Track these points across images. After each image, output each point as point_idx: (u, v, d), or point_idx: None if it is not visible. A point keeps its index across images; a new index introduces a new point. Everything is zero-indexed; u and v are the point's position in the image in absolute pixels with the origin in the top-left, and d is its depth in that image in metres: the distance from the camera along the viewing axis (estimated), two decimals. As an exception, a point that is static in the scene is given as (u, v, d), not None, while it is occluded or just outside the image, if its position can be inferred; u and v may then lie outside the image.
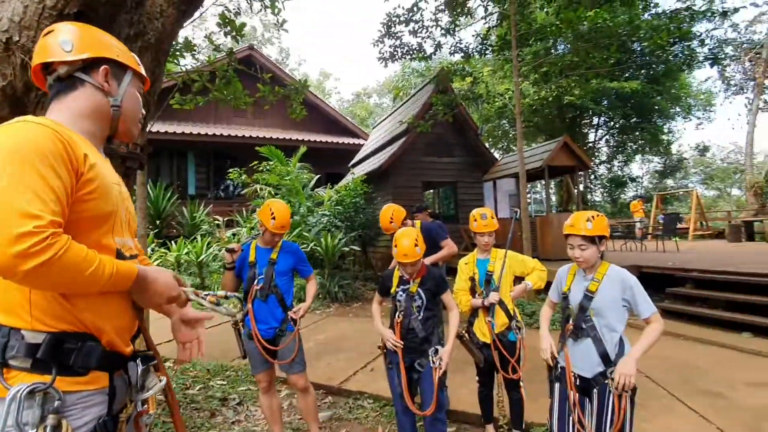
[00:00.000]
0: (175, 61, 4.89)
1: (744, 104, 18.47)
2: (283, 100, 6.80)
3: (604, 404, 2.02)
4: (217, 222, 11.63)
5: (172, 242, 9.99)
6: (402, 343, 2.43)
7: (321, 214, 8.98)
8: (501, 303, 2.73)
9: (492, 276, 2.80)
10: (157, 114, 3.94)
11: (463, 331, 2.81)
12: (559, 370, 2.21)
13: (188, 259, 9.20)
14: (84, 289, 0.94)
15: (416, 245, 2.42)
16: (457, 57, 8.28)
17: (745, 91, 19.01)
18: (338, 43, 74.07)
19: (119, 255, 1.07)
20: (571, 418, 2.12)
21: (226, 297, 1.26)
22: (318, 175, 10.81)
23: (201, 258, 9.04)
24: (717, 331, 5.00)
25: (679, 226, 12.00)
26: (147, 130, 2.90)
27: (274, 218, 2.69)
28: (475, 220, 2.87)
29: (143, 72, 1.21)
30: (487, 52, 8.18)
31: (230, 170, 10.37)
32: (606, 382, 2.01)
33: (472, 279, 2.84)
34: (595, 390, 2.06)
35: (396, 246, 2.43)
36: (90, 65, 1.08)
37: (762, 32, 17.43)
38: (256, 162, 9.42)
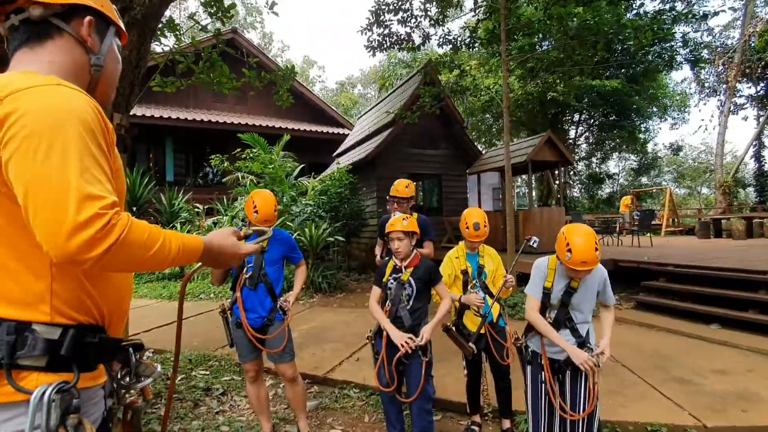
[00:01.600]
0: (158, 41, 4.70)
1: (716, 106, 19.05)
2: (267, 86, 6.65)
3: (578, 385, 2.12)
4: (197, 210, 11.37)
5: (150, 230, 9.71)
6: (416, 341, 2.37)
7: (305, 203, 8.89)
8: (492, 295, 2.79)
9: (484, 269, 2.86)
10: (139, 95, 3.80)
11: (451, 325, 2.84)
12: (530, 354, 2.30)
13: (167, 247, 8.97)
14: (151, 267, 0.87)
15: (404, 219, 2.49)
16: (446, 49, 8.26)
17: (717, 93, 19.68)
18: (322, 31, 72.80)
19: None
20: (544, 398, 2.21)
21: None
22: (302, 165, 10.67)
23: (180, 246, 8.84)
24: (687, 322, 5.22)
25: (653, 222, 12.42)
26: (131, 111, 2.80)
27: (257, 212, 2.64)
28: (467, 228, 2.85)
29: (123, 27, 1.05)
30: (476, 44, 8.18)
31: (211, 157, 10.14)
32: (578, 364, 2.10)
33: (465, 272, 2.88)
34: (567, 371, 2.15)
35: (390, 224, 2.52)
36: (69, 12, 0.90)
37: (735, 37, 18.04)
38: (238, 149, 9.22)
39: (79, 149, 0.76)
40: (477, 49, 8.99)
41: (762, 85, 18.12)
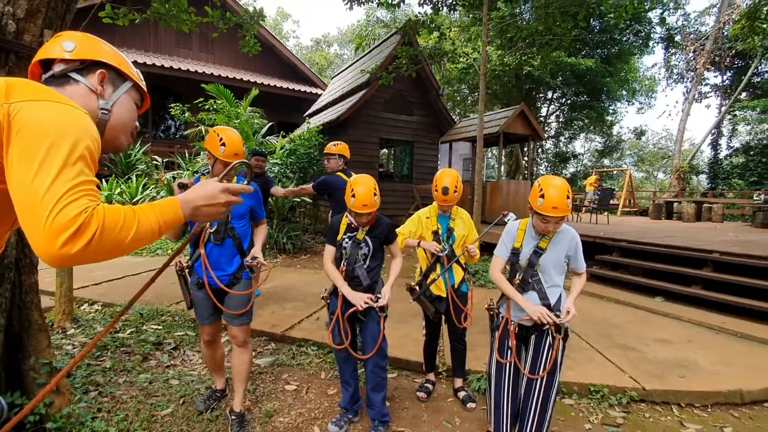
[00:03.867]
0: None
1: (682, 92, 19.73)
2: (234, 32, 6.16)
3: (541, 347, 2.14)
4: (155, 162, 10.74)
5: (103, 181, 9.12)
6: (375, 298, 2.37)
7: (272, 163, 8.55)
8: (458, 260, 2.76)
9: (453, 232, 2.80)
10: (84, 22, 3.37)
11: (415, 285, 2.81)
12: (501, 319, 2.29)
13: (121, 200, 8.48)
14: (138, 247, 0.89)
15: (375, 194, 2.32)
16: (426, 8, 7.91)
17: (685, 80, 20.33)
18: (299, -18, 68.27)
19: None
20: (507, 363, 2.23)
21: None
22: (270, 123, 10.19)
23: (136, 199, 8.37)
24: (636, 294, 5.52)
25: (611, 201, 12.89)
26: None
27: (224, 145, 2.30)
28: (437, 191, 2.75)
29: (144, 86, 1.18)
30: (457, 7, 7.88)
31: (171, 105, 9.46)
32: (544, 328, 2.10)
33: (436, 233, 2.82)
34: (533, 336, 2.17)
35: (353, 195, 2.30)
36: (87, 68, 1.06)
37: (710, 24, 18.44)
38: (201, 99, 8.64)
39: (80, 160, 0.81)
40: (458, 15, 8.69)
41: (729, 74, 18.83)
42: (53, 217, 0.75)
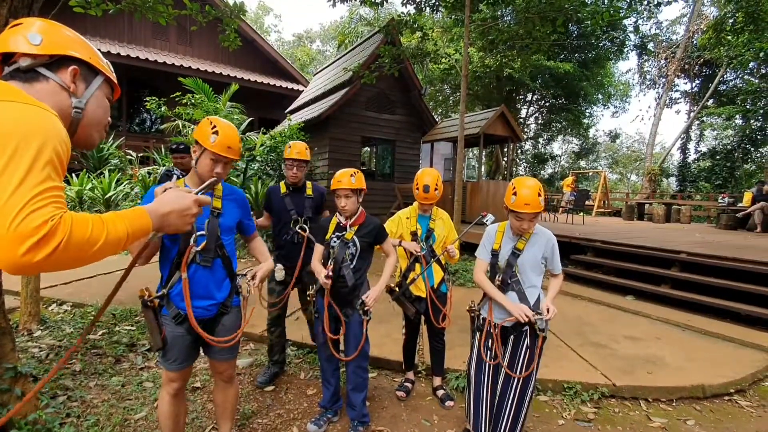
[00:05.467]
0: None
1: (654, 98, 20.48)
2: (214, 24, 6.04)
3: (519, 346, 2.20)
4: (129, 157, 10.41)
5: (73, 176, 8.78)
6: (329, 282, 2.36)
7: (251, 156, 8.43)
8: (438, 260, 2.79)
9: (433, 232, 2.83)
10: (55, 9, 3.24)
11: (395, 286, 2.83)
12: (481, 320, 2.34)
13: (93, 195, 8.18)
14: (104, 257, 0.87)
15: (352, 176, 2.39)
16: (409, 8, 7.93)
17: (657, 86, 21.09)
18: (281, -24, 67.24)
19: None
20: (487, 363, 2.27)
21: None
22: (251, 118, 10.03)
23: (109, 195, 8.10)
24: (607, 293, 5.70)
25: (586, 202, 13.27)
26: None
27: (215, 133, 1.80)
28: (418, 189, 2.79)
29: (114, 79, 1.13)
30: (440, 7, 7.93)
31: (146, 99, 9.19)
32: (523, 329, 2.16)
33: (414, 234, 2.85)
34: (512, 336, 2.23)
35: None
36: (57, 63, 0.99)
37: (680, 33, 19.20)
38: (178, 93, 8.42)
39: (44, 165, 0.78)
40: (440, 15, 8.74)
41: (697, 82, 19.62)
42: (17, 224, 0.72)
